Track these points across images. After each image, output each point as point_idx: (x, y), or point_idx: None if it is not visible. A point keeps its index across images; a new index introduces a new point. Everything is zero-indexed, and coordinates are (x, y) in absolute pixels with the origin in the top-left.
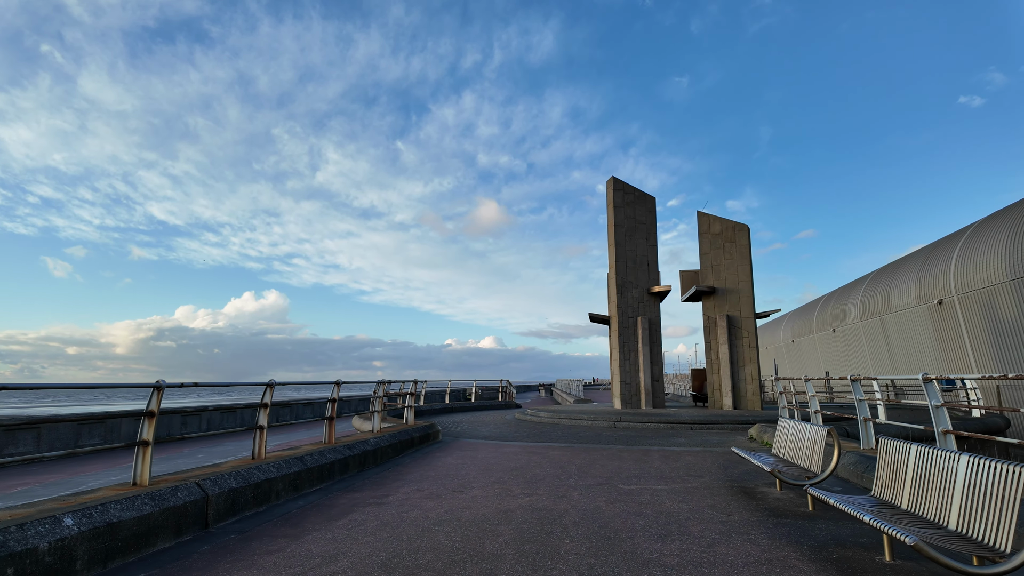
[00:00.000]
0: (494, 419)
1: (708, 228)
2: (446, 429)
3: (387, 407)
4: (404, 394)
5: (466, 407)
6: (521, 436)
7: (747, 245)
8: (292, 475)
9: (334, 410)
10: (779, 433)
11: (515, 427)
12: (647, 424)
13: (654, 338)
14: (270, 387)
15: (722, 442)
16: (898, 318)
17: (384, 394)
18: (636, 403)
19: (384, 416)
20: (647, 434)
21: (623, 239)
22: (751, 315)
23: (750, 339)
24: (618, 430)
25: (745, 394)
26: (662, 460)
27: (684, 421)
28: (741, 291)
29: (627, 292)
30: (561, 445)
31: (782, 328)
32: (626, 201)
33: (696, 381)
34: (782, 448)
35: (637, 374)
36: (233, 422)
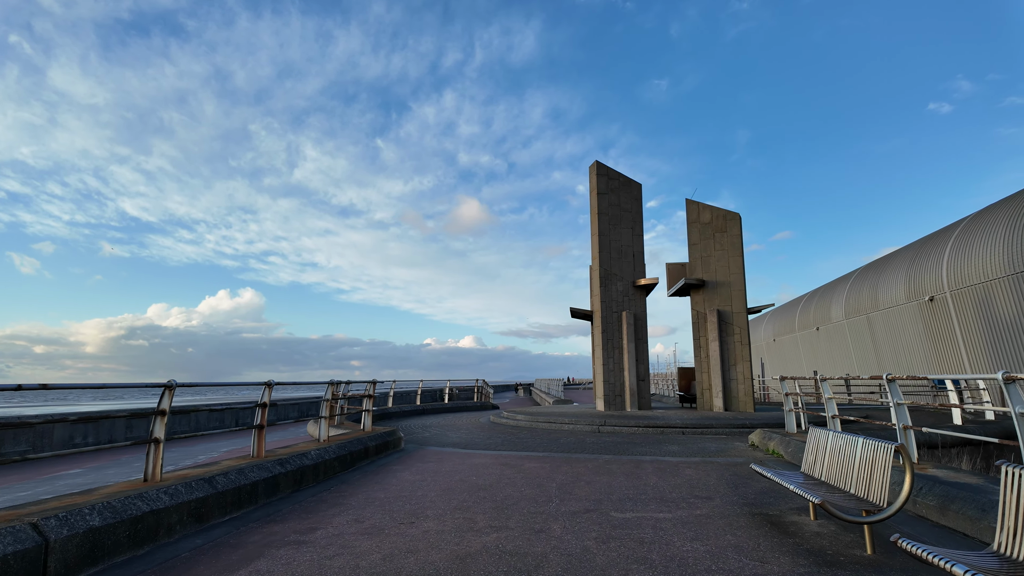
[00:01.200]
0: (467, 422)
1: (697, 217)
2: (412, 435)
3: (345, 411)
4: (362, 396)
5: (438, 409)
6: (495, 443)
7: (739, 235)
8: (195, 503)
9: (264, 417)
10: (812, 447)
11: (489, 432)
12: (634, 428)
13: (640, 334)
14: (269, 386)
15: (721, 450)
16: (886, 316)
17: (342, 396)
18: (620, 404)
19: (343, 421)
20: (635, 440)
21: (607, 228)
22: (743, 310)
23: (742, 336)
24: (603, 435)
25: (737, 394)
26: (658, 474)
27: (675, 425)
28: (732, 284)
29: (611, 285)
30: (539, 455)
31: (763, 327)
32: (610, 187)
33: (683, 380)
34: (817, 466)
35: (622, 373)
36: (187, 426)
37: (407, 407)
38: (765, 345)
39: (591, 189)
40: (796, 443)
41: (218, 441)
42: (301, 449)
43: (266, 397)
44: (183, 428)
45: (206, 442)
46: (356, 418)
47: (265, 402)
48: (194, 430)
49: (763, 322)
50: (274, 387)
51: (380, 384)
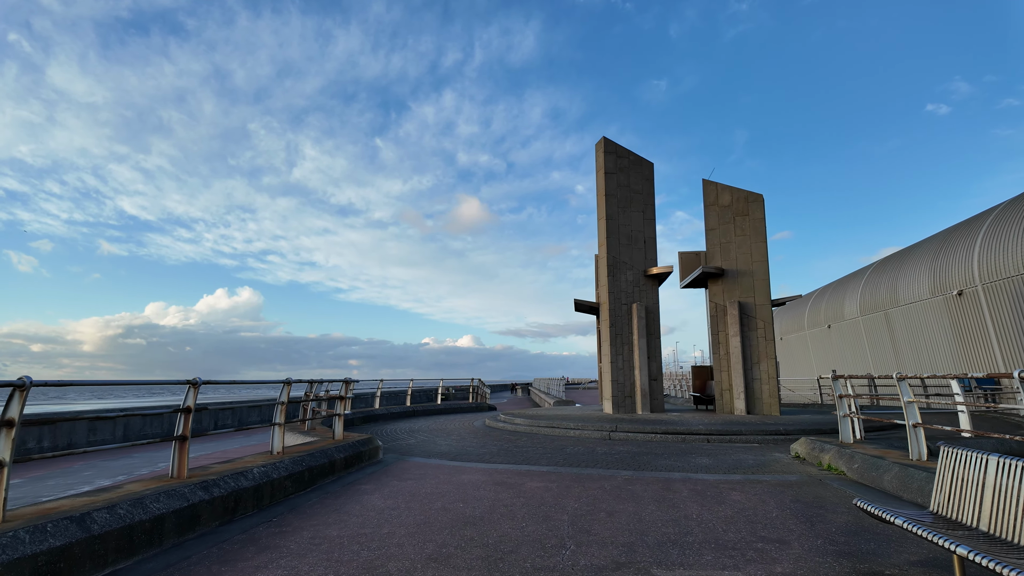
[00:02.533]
0: (459, 426)
1: (716, 199)
2: (396, 441)
3: (317, 414)
4: (333, 398)
5: (430, 410)
6: (489, 453)
7: (762, 219)
8: (53, 552)
9: (186, 426)
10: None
11: (483, 438)
12: (651, 435)
13: (652, 329)
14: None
15: (761, 464)
16: (906, 312)
17: (315, 397)
18: (631, 406)
19: (315, 427)
20: (654, 450)
21: (615, 211)
22: (767, 301)
23: (766, 330)
24: (615, 443)
25: (760, 395)
26: (698, 500)
27: (697, 431)
28: (755, 273)
29: (620, 274)
30: (543, 469)
31: None
32: (619, 166)
33: (698, 380)
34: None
35: (632, 372)
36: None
37: (396, 408)
38: None
39: (598, 168)
40: (862, 458)
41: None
42: (242, 466)
43: (190, 400)
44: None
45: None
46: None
47: (189, 407)
48: (169, 433)
49: None
50: (258, 385)
51: (365, 384)
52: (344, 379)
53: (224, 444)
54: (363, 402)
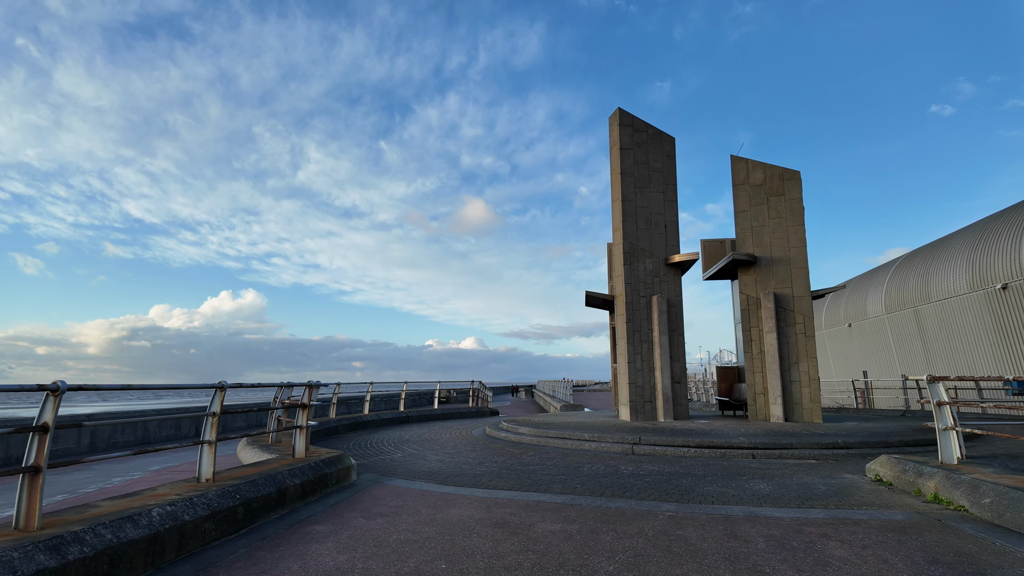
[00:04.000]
0: (456, 435)
1: (746, 178)
2: (379, 456)
3: (284, 425)
4: (293, 405)
5: (425, 416)
6: (489, 473)
7: (799, 199)
8: None
9: (41, 450)
10: None
11: (482, 451)
12: (682, 449)
13: (674, 324)
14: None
15: (837, 492)
16: (940, 308)
17: (281, 405)
18: (651, 412)
19: (280, 439)
20: (692, 468)
21: (632, 192)
22: (806, 293)
23: (806, 325)
24: (640, 459)
25: (800, 400)
26: (787, 560)
27: (739, 445)
28: (792, 260)
29: (638, 263)
30: (557, 500)
31: None
32: (636, 141)
33: (723, 383)
34: None
35: (652, 373)
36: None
37: (388, 414)
38: None
39: (612, 144)
40: (994, 490)
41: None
42: (139, 504)
43: (48, 413)
44: (127, 438)
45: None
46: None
47: (46, 423)
48: (142, 442)
49: None
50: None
51: (354, 387)
52: (307, 383)
53: (179, 457)
54: (350, 407)
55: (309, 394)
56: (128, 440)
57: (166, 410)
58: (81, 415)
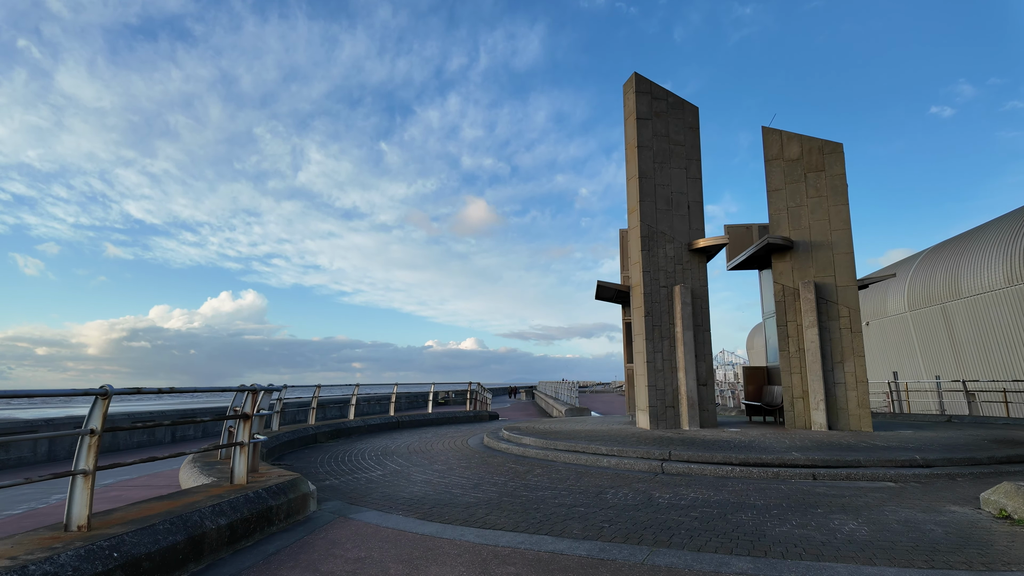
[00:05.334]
0: (449, 445)
1: (780, 152)
2: (354, 474)
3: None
4: (234, 416)
5: (417, 421)
6: (486, 501)
7: (842, 175)
8: None
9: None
10: None
11: (478, 468)
12: (724, 467)
13: (700, 319)
14: None
15: (956, 535)
16: (971, 304)
17: (233, 414)
18: (673, 419)
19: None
20: (746, 496)
21: (650, 168)
22: (851, 281)
23: (852, 319)
24: (675, 481)
25: (846, 405)
26: None
27: (794, 462)
28: (835, 245)
29: (657, 248)
30: (579, 552)
31: None
32: (655, 111)
33: (751, 384)
34: None
35: (675, 374)
36: None
37: (375, 419)
38: None
39: (627, 114)
40: None
41: None
42: None
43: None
44: None
45: None
46: (305, 436)
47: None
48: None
49: None
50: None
51: (337, 389)
52: (250, 387)
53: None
54: (332, 412)
55: (253, 402)
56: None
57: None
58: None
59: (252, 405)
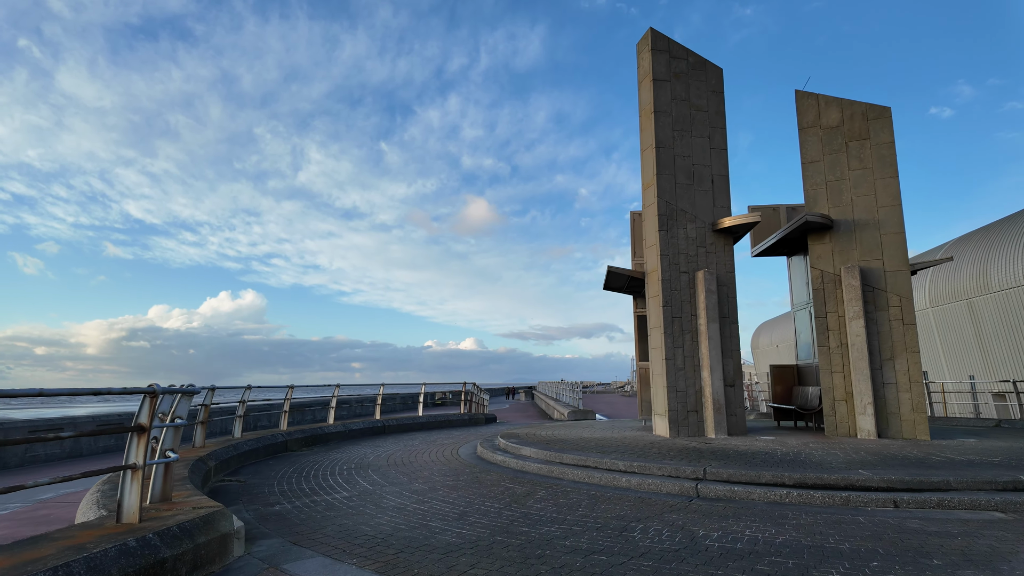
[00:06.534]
0: (437, 456)
1: (817, 119)
2: (313, 497)
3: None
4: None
5: (406, 425)
6: (472, 546)
7: (890, 143)
8: None
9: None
10: None
11: (467, 489)
12: (777, 489)
13: (726, 310)
14: None
15: None
16: (1001, 300)
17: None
18: (697, 426)
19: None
20: (823, 536)
21: (668, 136)
22: (903, 266)
23: (904, 309)
24: (718, 510)
25: (898, 409)
26: None
27: (864, 484)
28: (883, 224)
29: (677, 228)
30: None
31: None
32: (674, 71)
33: (779, 385)
34: None
35: (698, 373)
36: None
37: (358, 424)
38: None
39: (641, 76)
40: None
41: None
42: None
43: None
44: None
45: None
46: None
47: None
48: (70, 455)
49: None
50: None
51: (314, 389)
52: (147, 388)
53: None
54: (313, 415)
55: (151, 410)
56: (52, 453)
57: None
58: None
59: (149, 413)
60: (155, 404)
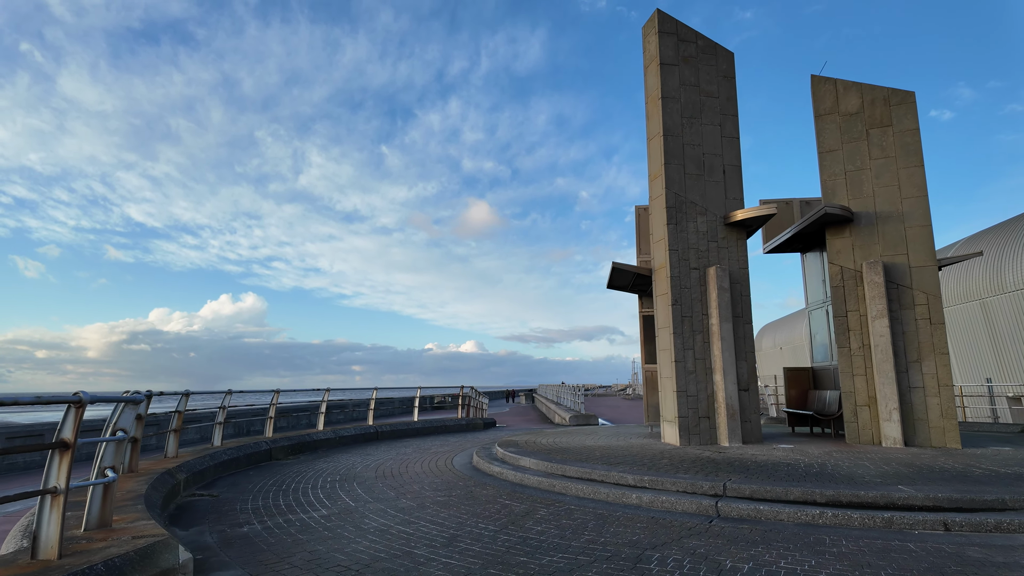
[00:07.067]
0: (429, 467)
1: (835, 105)
2: (287, 516)
3: None
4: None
5: (400, 431)
6: (465, 574)
7: (914, 130)
8: None
9: None
10: None
11: (459, 507)
12: (809, 509)
13: (739, 308)
14: None
15: None
16: (1017, 300)
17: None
18: (709, 433)
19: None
20: (865, 566)
21: (677, 124)
22: (930, 261)
23: (932, 308)
24: (742, 533)
25: (925, 416)
26: None
27: (907, 502)
28: (907, 216)
29: (687, 222)
30: None
31: (805, 323)
32: (683, 55)
33: (794, 389)
34: None
35: (709, 377)
36: None
37: (350, 430)
38: (806, 347)
39: (648, 60)
40: None
41: None
42: None
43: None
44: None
45: None
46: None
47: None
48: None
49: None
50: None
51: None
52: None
53: None
54: (299, 422)
55: (75, 422)
56: (27, 460)
57: None
58: None
59: (74, 427)
60: (81, 415)
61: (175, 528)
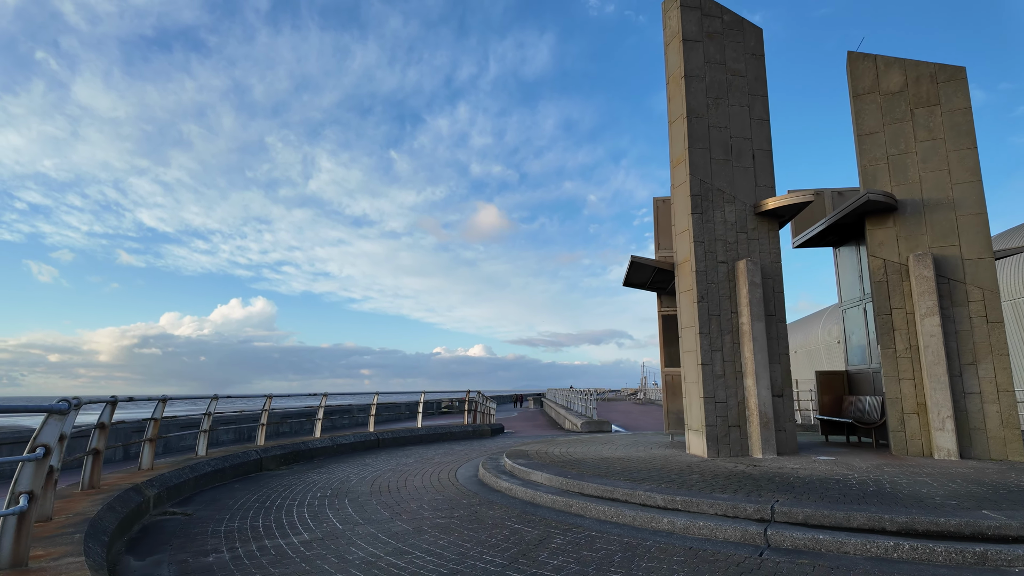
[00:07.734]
0: (431, 480)
1: (875, 83)
2: (264, 541)
3: None
4: None
5: (402, 438)
6: None
7: (966, 108)
8: None
9: None
10: None
11: (462, 531)
12: (877, 539)
13: (772, 306)
14: None
15: None
16: None
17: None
18: (740, 443)
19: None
20: None
21: (702, 105)
22: (985, 252)
23: (989, 304)
24: (799, 570)
25: (983, 424)
26: None
27: (998, 532)
28: (959, 204)
29: (713, 211)
30: None
31: (820, 325)
32: (707, 31)
33: (828, 395)
34: None
35: (740, 381)
36: None
37: (347, 438)
38: (824, 348)
39: (668, 37)
40: None
41: None
42: None
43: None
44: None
45: None
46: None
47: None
48: None
49: (820, 320)
50: None
51: (298, 399)
52: None
53: None
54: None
55: None
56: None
57: None
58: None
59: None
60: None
61: (129, 557)
